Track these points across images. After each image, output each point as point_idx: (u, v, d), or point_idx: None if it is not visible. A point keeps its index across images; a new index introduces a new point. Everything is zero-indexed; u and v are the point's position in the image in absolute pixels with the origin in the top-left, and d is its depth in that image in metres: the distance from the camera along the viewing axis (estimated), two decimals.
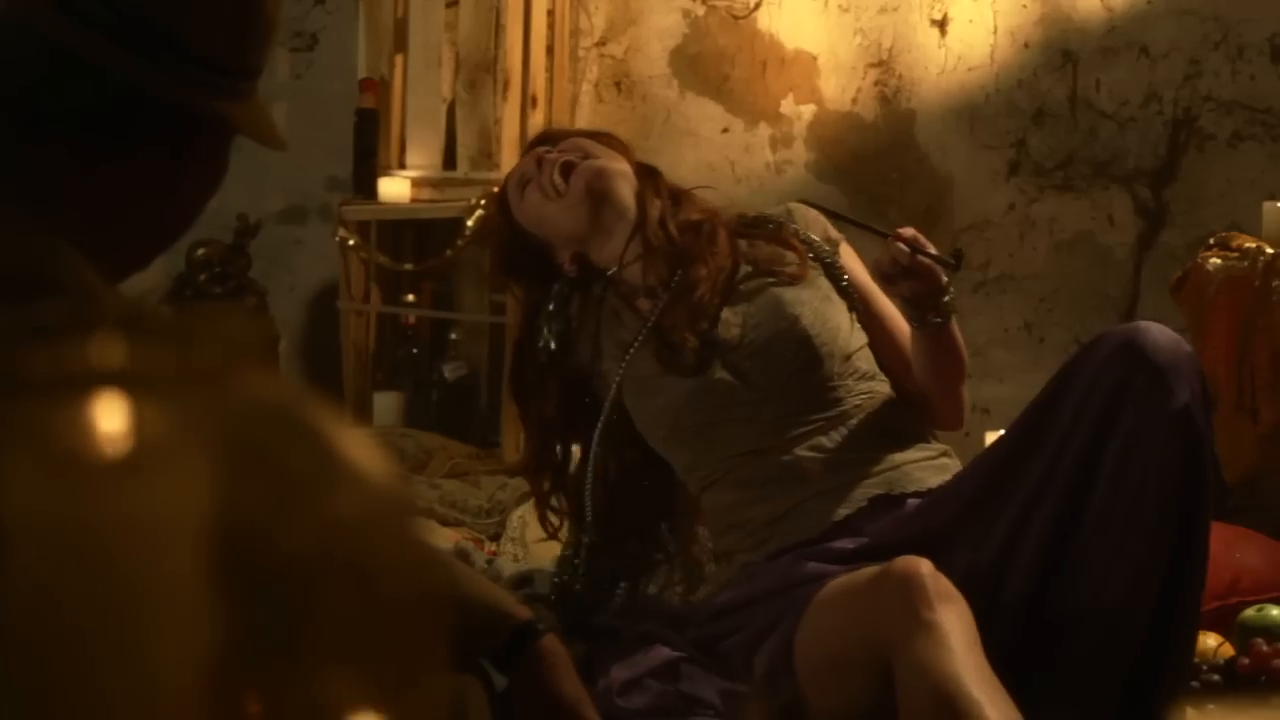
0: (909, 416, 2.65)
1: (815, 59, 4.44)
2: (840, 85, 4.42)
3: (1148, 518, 2.26)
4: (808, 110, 4.45)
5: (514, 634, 1.79)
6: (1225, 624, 2.86)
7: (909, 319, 2.56)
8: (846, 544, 2.48)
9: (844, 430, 2.57)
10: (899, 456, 2.57)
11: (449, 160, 4.47)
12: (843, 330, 2.64)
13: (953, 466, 2.61)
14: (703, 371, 2.59)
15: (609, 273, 2.71)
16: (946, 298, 2.52)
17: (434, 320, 4.57)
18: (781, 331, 2.60)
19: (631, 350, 2.65)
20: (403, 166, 4.42)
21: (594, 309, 2.74)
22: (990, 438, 3.90)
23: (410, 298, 4.49)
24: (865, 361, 2.65)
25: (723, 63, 4.51)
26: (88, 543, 0.50)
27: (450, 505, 3.55)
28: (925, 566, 2.20)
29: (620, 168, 2.72)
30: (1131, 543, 2.26)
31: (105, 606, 0.49)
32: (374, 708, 0.53)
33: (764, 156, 4.49)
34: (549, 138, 2.85)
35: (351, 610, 0.54)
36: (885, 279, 2.52)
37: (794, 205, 2.84)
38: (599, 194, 2.67)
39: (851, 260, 2.77)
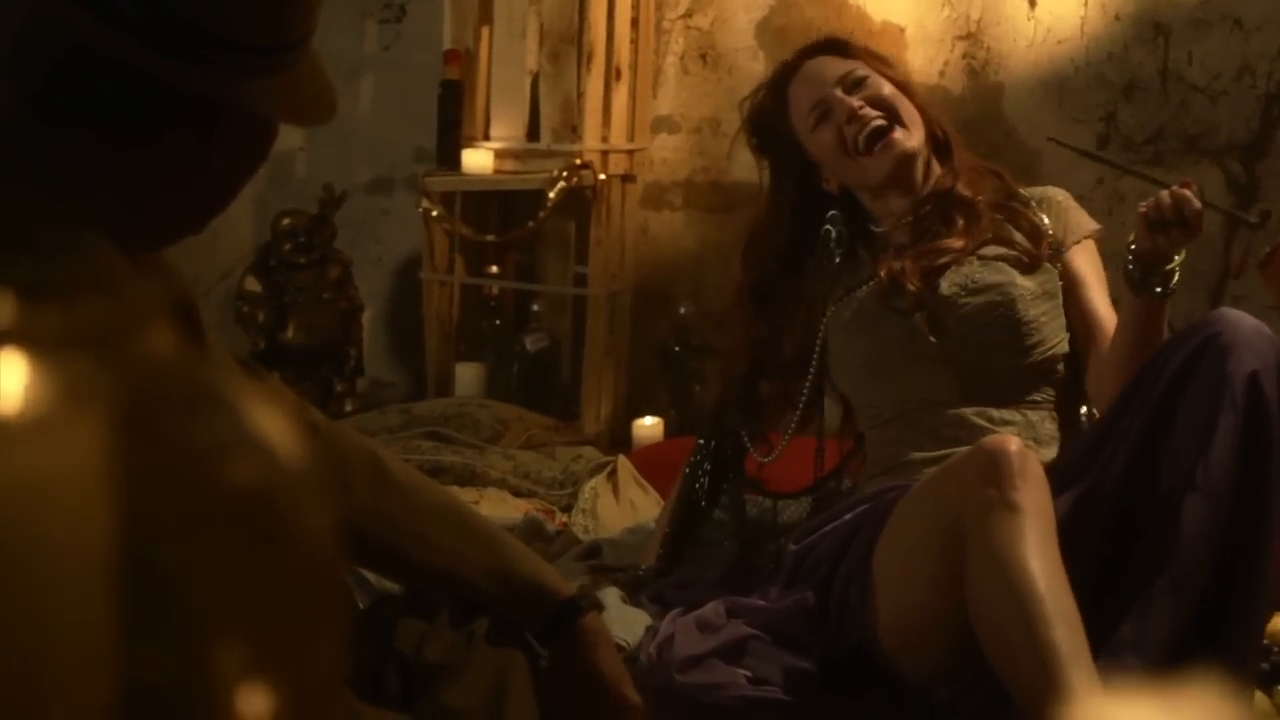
0: (1061, 432, 2.72)
1: (903, 31, 4.39)
2: (928, 58, 4.37)
3: (1217, 474, 2.28)
4: None
5: (557, 610, 1.78)
6: None
7: (1133, 284, 2.53)
8: None
9: (1012, 413, 2.67)
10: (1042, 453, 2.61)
11: (533, 132, 4.48)
12: (1049, 328, 2.70)
13: None
14: (913, 314, 2.68)
15: (874, 229, 2.81)
16: (1175, 269, 2.52)
17: (517, 292, 4.58)
18: (994, 306, 2.67)
19: (859, 291, 2.76)
20: (487, 138, 4.42)
21: (847, 250, 2.82)
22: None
23: (494, 269, 4.50)
24: (1059, 367, 2.72)
25: (809, 35, 4.46)
26: None
27: (524, 476, 3.56)
28: (1014, 444, 2.22)
29: (919, 147, 2.78)
30: (1198, 491, 2.29)
31: None
32: (265, 678, 0.53)
33: None
34: (844, 49, 2.89)
35: (246, 581, 0.53)
36: (1153, 224, 2.49)
37: (1050, 191, 2.92)
38: (897, 177, 2.75)
39: (1087, 255, 2.83)
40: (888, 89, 2.79)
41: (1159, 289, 2.51)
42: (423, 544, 1.74)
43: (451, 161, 4.38)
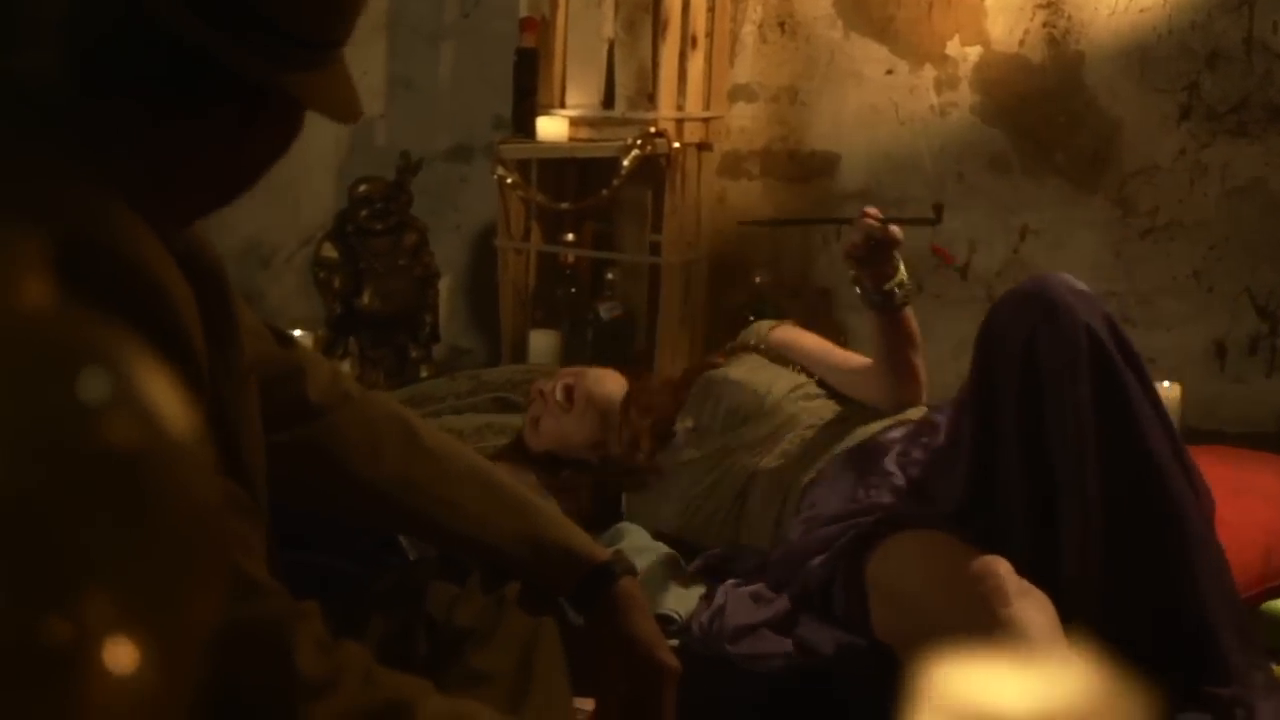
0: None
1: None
2: (1008, 26, 4.32)
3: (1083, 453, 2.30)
4: (974, 52, 4.36)
5: (591, 575, 1.79)
6: None
7: (873, 308, 2.81)
8: None
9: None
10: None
11: (608, 100, 4.47)
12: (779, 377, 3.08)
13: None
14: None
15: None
16: (898, 282, 2.78)
17: (593, 259, 4.58)
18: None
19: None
20: (563, 106, 4.42)
21: None
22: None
23: (570, 237, 4.50)
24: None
25: (888, 3, 4.43)
26: None
27: None
28: (1003, 566, 2.20)
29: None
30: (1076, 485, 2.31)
31: None
32: (130, 635, 0.54)
33: (928, 99, 4.42)
34: None
35: (115, 539, 0.54)
36: (858, 261, 2.76)
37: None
38: None
39: (790, 334, 3.24)
40: None
41: (900, 304, 2.79)
42: (453, 510, 1.76)
43: (527, 129, 4.39)
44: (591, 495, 3.12)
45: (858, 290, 2.81)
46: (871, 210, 2.78)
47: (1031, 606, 2.15)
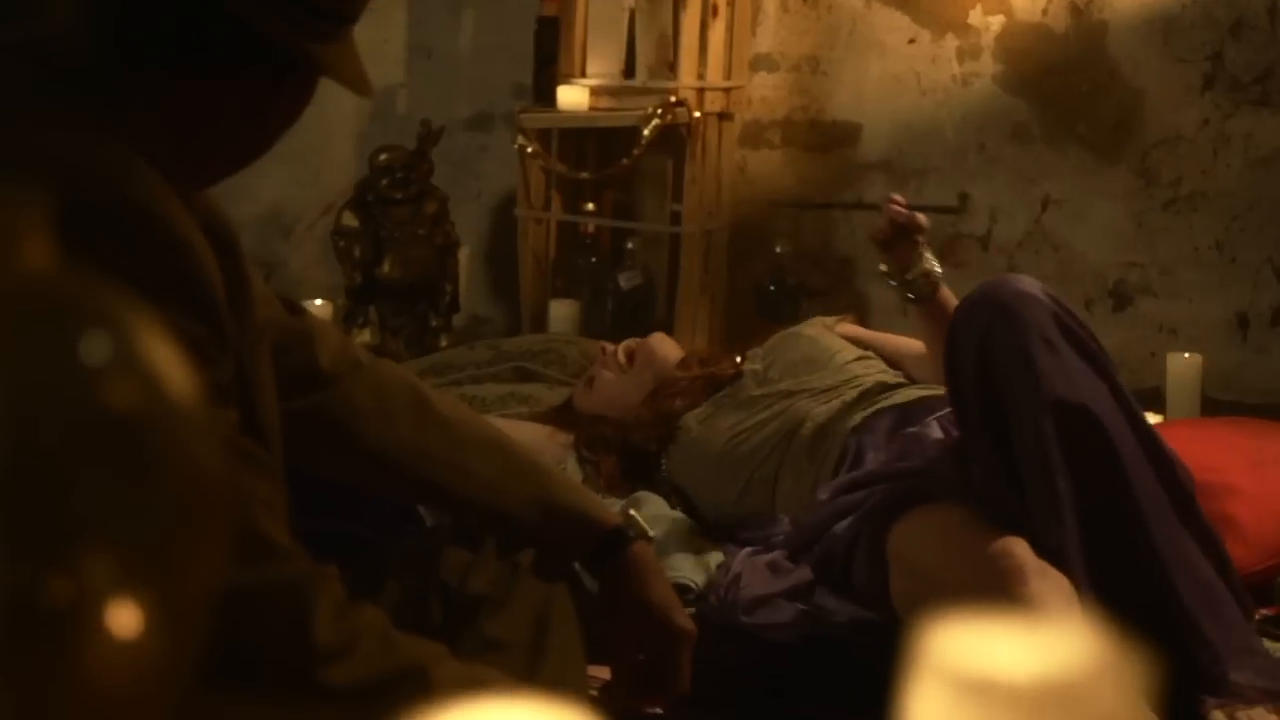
0: None
1: None
2: None
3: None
4: (996, 21, 4.34)
5: (605, 540, 1.79)
6: None
7: (905, 298, 2.86)
8: None
9: None
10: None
11: (629, 69, 4.46)
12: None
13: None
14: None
15: None
16: (924, 270, 2.82)
17: (613, 229, 4.57)
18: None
19: None
20: (583, 75, 4.41)
21: None
22: (1174, 359, 3.80)
23: (590, 206, 4.49)
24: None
25: None
26: None
27: None
28: (1021, 547, 2.19)
29: None
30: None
31: None
32: (128, 596, 0.54)
33: (950, 68, 4.40)
34: None
35: (114, 500, 0.54)
36: (883, 245, 2.83)
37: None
38: None
39: (853, 328, 3.36)
40: None
41: (922, 293, 2.83)
42: (465, 476, 1.76)
43: (547, 98, 4.38)
44: (631, 451, 3.14)
45: (890, 282, 2.86)
46: (897, 197, 2.84)
47: (1049, 586, 2.14)
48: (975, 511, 2.34)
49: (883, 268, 2.86)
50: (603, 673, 1.85)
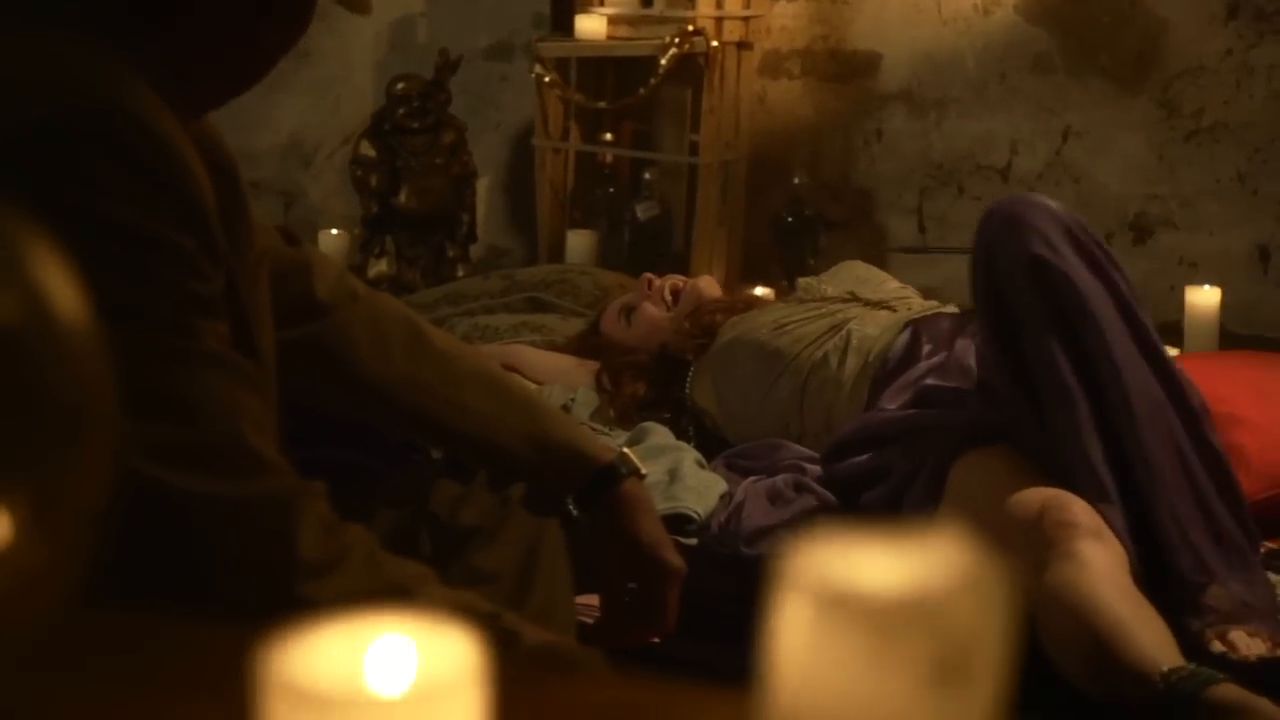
0: None
1: None
2: None
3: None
4: None
5: (597, 475, 1.79)
6: None
7: None
8: None
9: None
10: None
11: None
12: None
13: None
14: None
15: None
16: None
17: (632, 159, 4.55)
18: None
19: None
20: (601, 3, 4.39)
21: None
22: (1193, 292, 3.77)
23: (608, 136, 4.48)
24: None
25: None
26: None
27: None
28: (1079, 504, 2.17)
29: None
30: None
31: None
32: (10, 509, 0.54)
33: None
34: None
35: None
36: None
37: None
38: None
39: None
40: None
41: None
42: (459, 410, 1.75)
43: (566, 27, 4.36)
44: (662, 370, 3.19)
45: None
46: None
47: (1101, 547, 2.12)
48: (1036, 465, 2.32)
49: None
50: (592, 600, 1.85)
